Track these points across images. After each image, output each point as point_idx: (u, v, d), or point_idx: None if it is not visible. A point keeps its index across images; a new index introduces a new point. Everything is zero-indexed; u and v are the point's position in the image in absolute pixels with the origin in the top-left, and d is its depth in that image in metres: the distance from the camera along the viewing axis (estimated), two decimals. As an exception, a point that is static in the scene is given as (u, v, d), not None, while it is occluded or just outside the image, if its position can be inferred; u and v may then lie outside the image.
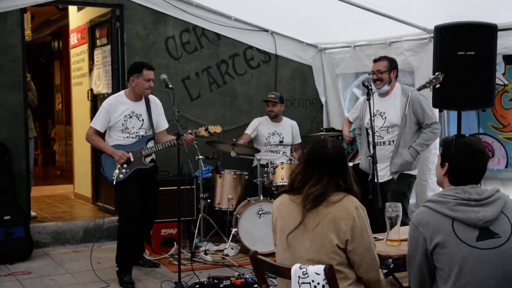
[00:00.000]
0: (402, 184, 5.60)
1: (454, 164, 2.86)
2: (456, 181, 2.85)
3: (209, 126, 5.77)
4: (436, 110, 6.04)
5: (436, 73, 5.27)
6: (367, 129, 5.71)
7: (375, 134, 5.49)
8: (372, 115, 5.06)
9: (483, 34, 5.17)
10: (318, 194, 3.00)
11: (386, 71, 5.62)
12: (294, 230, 3.04)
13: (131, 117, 5.59)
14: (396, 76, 5.72)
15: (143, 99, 5.67)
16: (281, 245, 3.12)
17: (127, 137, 5.59)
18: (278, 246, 3.15)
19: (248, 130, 7.26)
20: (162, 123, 5.82)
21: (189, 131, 5.63)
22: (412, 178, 5.71)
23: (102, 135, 5.67)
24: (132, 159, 5.53)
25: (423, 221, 2.78)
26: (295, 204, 3.07)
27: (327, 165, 3.06)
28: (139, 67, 5.58)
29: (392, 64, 5.68)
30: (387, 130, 5.62)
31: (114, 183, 5.49)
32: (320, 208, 3.00)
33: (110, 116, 5.54)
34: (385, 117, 5.63)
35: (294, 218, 3.05)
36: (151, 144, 5.70)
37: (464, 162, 2.84)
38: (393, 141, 5.61)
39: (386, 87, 5.63)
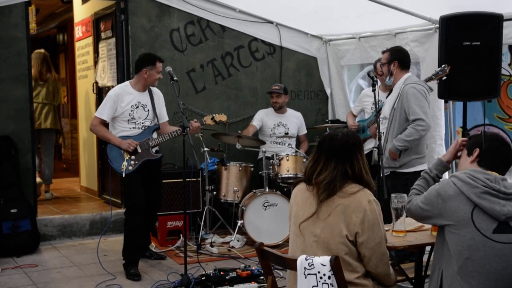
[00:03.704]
0: (395, 183, 5.34)
1: (485, 148, 2.91)
2: (486, 164, 2.90)
3: (215, 115, 5.86)
4: (442, 101, 6.01)
5: (443, 65, 5.23)
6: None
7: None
8: (377, 107, 5.02)
9: (488, 24, 5.14)
10: (328, 182, 3.01)
11: (385, 63, 5.50)
12: (307, 219, 3.06)
13: (137, 107, 5.60)
14: (400, 67, 5.45)
15: (147, 90, 5.70)
16: (294, 231, 3.14)
17: (133, 127, 5.60)
18: (291, 232, 3.18)
19: (254, 122, 7.26)
20: (164, 114, 5.86)
21: (195, 120, 5.68)
22: (408, 175, 5.37)
23: (105, 126, 5.68)
24: (139, 150, 5.54)
25: (446, 194, 2.82)
26: (310, 193, 3.09)
27: (332, 150, 3.08)
28: (153, 59, 5.61)
29: (392, 55, 5.47)
30: (381, 122, 5.47)
31: (124, 175, 5.49)
32: (334, 198, 3.01)
33: (117, 106, 5.54)
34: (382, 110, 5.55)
35: (309, 206, 3.07)
36: (156, 134, 5.72)
37: (496, 146, 2.92)
38: (384, 133, 5.48)
39: (388, 80, 5.51)
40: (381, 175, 4.94)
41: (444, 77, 5.24)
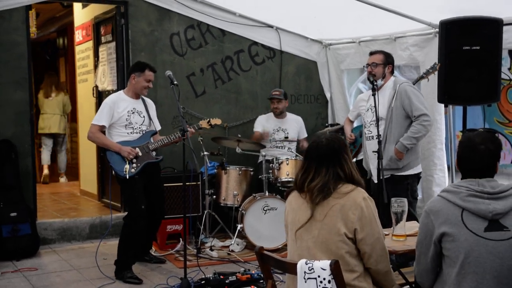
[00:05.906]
0: (398, 189, 5.34)
1: (457, 156, 2.92)
2: (463, 172, 2.89)
3: (210, 119, 5.94)
4: (442, 105, 6.02)
5: (434, 63, 5.27)
6: (365, 125, 5.70)
7: (365, 129, 5.48)
8: (373, 109, 5.04)
9: (488, 28, 5.15)
10: (321, 186, 3.06)
11: (381, 64, 5.55)
12: (304, 224, 3.08)
13: (133, 112, 5.65)
14: (392, 72, 5.65)
15: (140, 98, 5.77)
16: (291, 237, 3.16)
17: (131, 132, 5.62)
18: (288, 238, 3.20)
19: (258, 128, 7.25)
20: (157, 123, 5.91)
21: (188, 126, 5.69)
22: (409, 180, 5.47)
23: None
24: (140, 154, 5.56)
25: (435, 209, 2.82)
26: (303, 199, 3.13)
27: (321, 156, 3.14)
28: (143, 66, 5.71)
29: (388, 59, 5.61)
30: (375, 124, 5.48)
31: (127, 177, 5.49)
32: (329, 199, 3.04)
33: (113, 112, 5.58)
34: (374, 111, 5.46)
35: (304, 211, 3.10)
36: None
37: (463, 153, 2.88)
38: (380, 135, 5.51)
39: (379, 82, 5.49)
40: (381, 178, 4.94)
41: (434, 74, 5.27)
